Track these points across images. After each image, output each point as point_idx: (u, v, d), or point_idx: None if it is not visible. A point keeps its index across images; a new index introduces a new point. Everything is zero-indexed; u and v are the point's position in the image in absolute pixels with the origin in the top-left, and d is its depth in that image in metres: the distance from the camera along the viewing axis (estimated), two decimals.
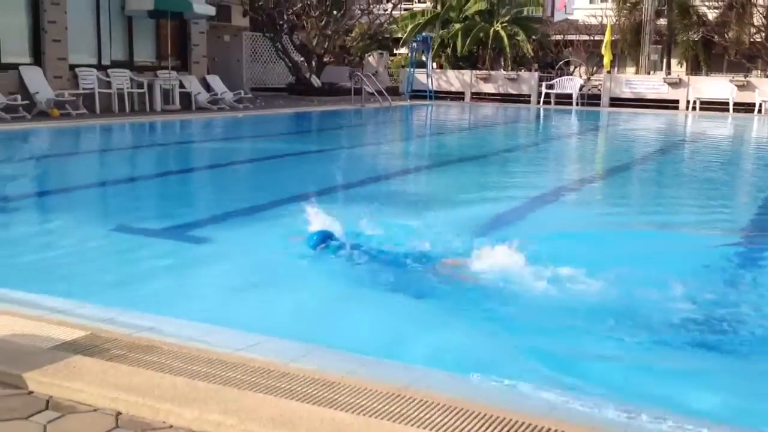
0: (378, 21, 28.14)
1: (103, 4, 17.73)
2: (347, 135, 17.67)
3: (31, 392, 3.13)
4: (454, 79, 27.71)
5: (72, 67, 16.76)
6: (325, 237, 5.49)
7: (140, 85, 17.94)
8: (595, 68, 30.48)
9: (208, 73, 20.66)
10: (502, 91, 26.91)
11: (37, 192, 8.76)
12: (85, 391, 3.09)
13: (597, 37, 30.56)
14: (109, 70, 17.52)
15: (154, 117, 17.11)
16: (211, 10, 19.18)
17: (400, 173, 11.37)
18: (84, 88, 16.73)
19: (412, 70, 27.02)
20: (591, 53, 31.46)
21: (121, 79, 17.53)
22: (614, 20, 31.20)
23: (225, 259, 5.70)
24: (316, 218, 5.54)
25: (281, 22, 24.71)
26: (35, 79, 15.76)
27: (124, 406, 3.01)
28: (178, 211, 7.30)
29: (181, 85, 18.94)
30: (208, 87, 20.01)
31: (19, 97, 15.07)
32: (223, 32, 25.12)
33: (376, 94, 23.05)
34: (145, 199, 8.45)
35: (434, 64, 29.03)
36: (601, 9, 34.11)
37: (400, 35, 30.43)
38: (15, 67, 15.65)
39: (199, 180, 10.35)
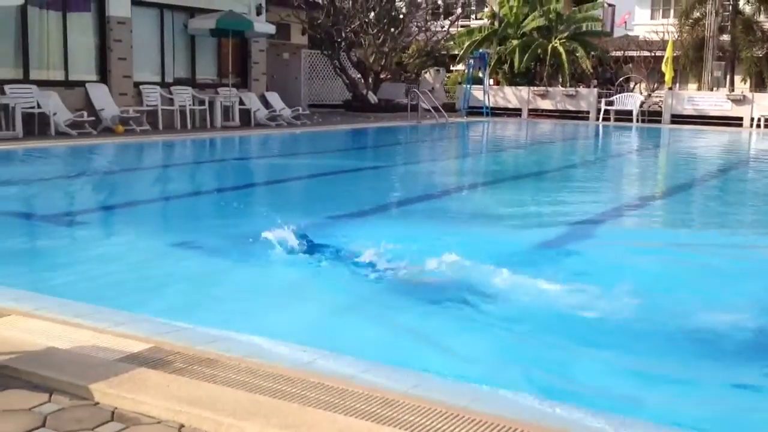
0: (435, 38, 28.21)
1: (167, 24, 18.19)
2: (403, 151, 17.71)
3: (97, 403, 3.19)
4: (511, 96, 27.57)
5: (136, 85, 17.21)
6: (303, 236, 5.93)
7: (201, 102, 18.31)
8: (656, 84, 29.97)
9: (267, 90, 20.98)
10: (560, 107, 26.65)
11: (102, 206, 8.98)
12: (149, 403, 3.14)
13: (658, 53, 30.07)
14: (172, 88, 17.93)
15: (214, 133, 17.43)
16: (271, 29, 19.50)
17: (456, 190, 11.32)
18: (148, 105, 17.15)
19: (468, 86, 26.98)
20: (652, 69, 30.96)
21: (183, 96, 17.92)
22: (676, 36, 30.67)
23: (281, 274, 5.75)
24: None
25: (339, 40, 24.97)
26: (101, 96, 16.22)
27: (186, 419, 3.05)
28: (239, 226, 7.38)
29: (241, 102, 19.27)
30: (266, 104, 20.31)
31: (85, 113, 15.52)
32: (282, 50, 25.51)
33: (432, 110, 23.07)
34: (207, 214, 8.58)
35: (491, 81, 28.94)
36: (663, 25, 33.58)
37: (456, 52, 30.44)
38: (82, 84, 16.14)
39: (258, 196, 10.48)
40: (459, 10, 29.02)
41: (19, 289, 4.78)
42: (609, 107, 25.36)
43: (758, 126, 23.35)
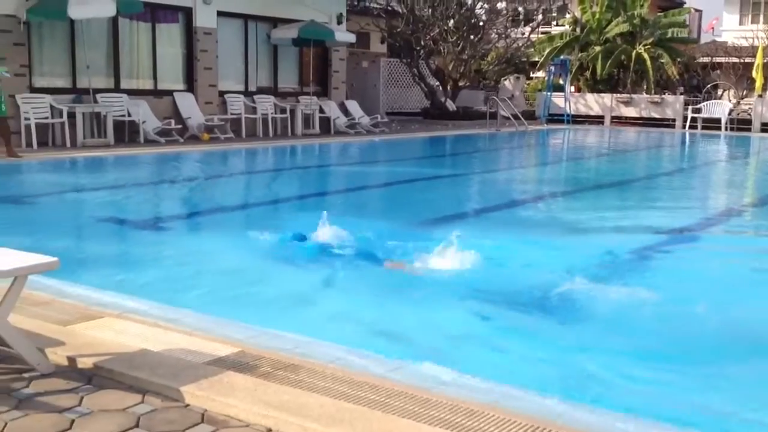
0: (515, 45, 27.96)
1: (251, 34, 18.60)
2: (482, 159, 17.60)
3: (188, 405, 3.28)
4: (593, 103, 27.06)
5: (221, 94, 17.65)
6: (300, 236, 6.45)
7: (283, 111, 18.64)
8: (745, 92, 28.92)
9: (347, 99, 21.20)
10: (644, 114, 26.01)
11: (191, 212, 9.19)
12: (237, 406, 3.21)
13: (747, 60, 29.00)
14: (254, 96, 18.31)
15: (295, 141, 17.71)
16: (352, 38, 19.71)
17: (535, 198, 11.18)
18: (232, 114, 17.57)
19: (549, 93, 26.63)
20: (741, 76, 29.88)
21: (265, 104, 18.28)
22: (766, 42, 29.52)
23: (359, 283, 5.78)
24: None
25: (418, 48, 25.04)
26: (188, 105, 16.70)
27: (273, 423, 3.10)
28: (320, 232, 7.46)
29: (321, 110, 19.53)
30: (346, 112, 20.52)
31: (173, 121, 16.01)
32: (361, 58, 25.74)
33: (511, 118, 22.87)
34: (288, 219, 8.70)
35: (572, 88, 28.49)
36: (752, 30, 32.39)
37: (537, 59, 30.09)
38: (170, 93, 16.65)
39: (336, 202, 10.58)
40: (540, 17, 28.70)
41: (112, 291, 4.96)
42: (696, 115, 24.60)
43: None
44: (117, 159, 13.31)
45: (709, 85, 29.33)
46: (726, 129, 24.02)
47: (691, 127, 24.51)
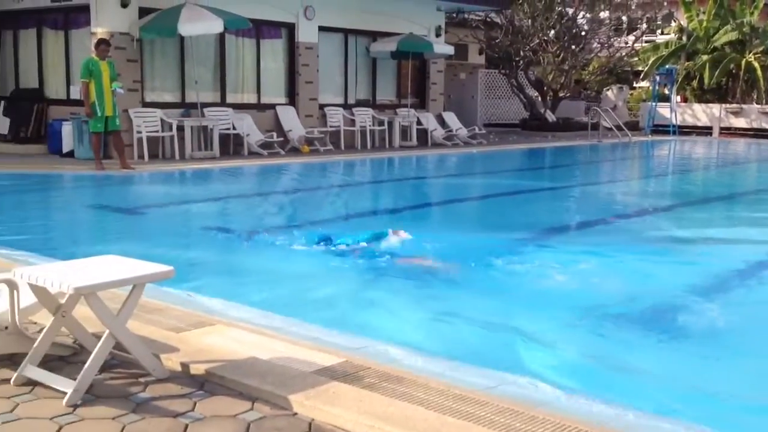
0: (618, 54, 27.30)
1: (350, 48, 18.89)
2: (584, 171, 17.23)
3: (296, 414, 3.33)
4: (701, 113, 26.08)
5: (321, 107, 17.97)
6: (326, 237, 6.77)
7: (381, 123, 18.81)
8: None
9: (444, 110, 21.19)
10: (755, 125, 24.87)
11: (293, 222, 9.34)
12: (343, 416, 3.23)
13: None
14: (353, 109, 18.56)
15: (393, 153, 17.83)
16: (450, 50, 19.71)
17: (641, 212, 10.84)
18: (331, 126, 17.86)
19: (654, 103, 25.85)
20: None
21: (364, 117, 18.50)
22: None
23: (471, 297, 5.74)
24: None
25: (517, 59, 24.80)
26: (289, 118, 17.09)
27: None
28: (418, 247, 7.47)
29: (419, 122, 19.60)
30: (443, 123, 20.51)
31: (275, 134, 16.40)
32: (459, 70, 25.70)
33: (614, 129, 22.31)
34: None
35: (678, 98, 27.56)
36: None
37: (640, 68, 29.28)
38: (272, 107, 17.08)
39: (433, 214, 10.57)
40: (644, 26, 27.92)
41: (223, 299, 5.11)
42: None
43: None
44: (222, 171, 13.74)
45: None
46: None
47: None
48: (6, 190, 11.41)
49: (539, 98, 26.19)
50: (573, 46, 25.24)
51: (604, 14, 25.63)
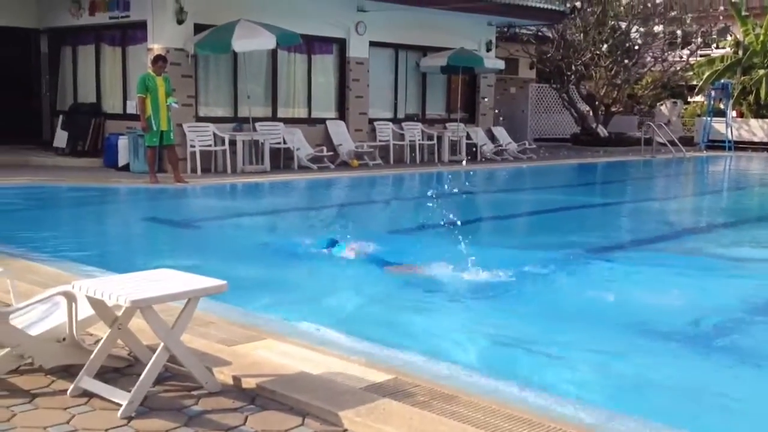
0: (672, 69, 26.86)
1: (401, 62, 18.95)
2: (637, 187, 16.95)
3: (346, 430, 3.33)
4: (758, 129, 25.47)
5: (371, 121, 18.04)
6: (333, 242, 7.24)
7: (430, 137, 18.79)
8: None
9: (494, 125, 21.09)
10: None
11: (343, 237, 9.36)
12: None
13: None
14: (403, 124, 18.60)
15: (442, 167, 17.78)
16: (501, 64, 19.63)
17: (697, 229, 10.61)
18: (380, 141, 17.91)
19: (709, 119, 25.33)
20: None
21: (413, 131, 18.51)
22: None
23: (522, 315, 5.68)
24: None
25: (569, 73, 24.58)
26: (339, 132, 17.19)
27: None
28: (469, 263, 7.41)
29: (468, 137, 19.53)
30: (493, 138, 20.41)
31: (324, 148, 16.52)
32: (509, 84, 25.58)
33: (668, 144, 21.91)
34: (433, 247, 8.70)
35: (734, 113, 26.96)
36: None
37: (695, 83, 28.74)
38: (322, 121, 17.20)
39: (486, 230, 10.50)
40: (699, 40, 27.42)
41: (273, 313, 5.15)
42: None
43: None
44: (273, 184, 13.88)
45: None
46: None
47: None
48: (64, 203, 11.71)
49: (591, 113, 25.89)
50: (626, 60, 24.91)
51: (658, 28, 25.26)
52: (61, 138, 15.64)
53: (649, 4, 24.38)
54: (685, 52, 27.76)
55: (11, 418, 3.33)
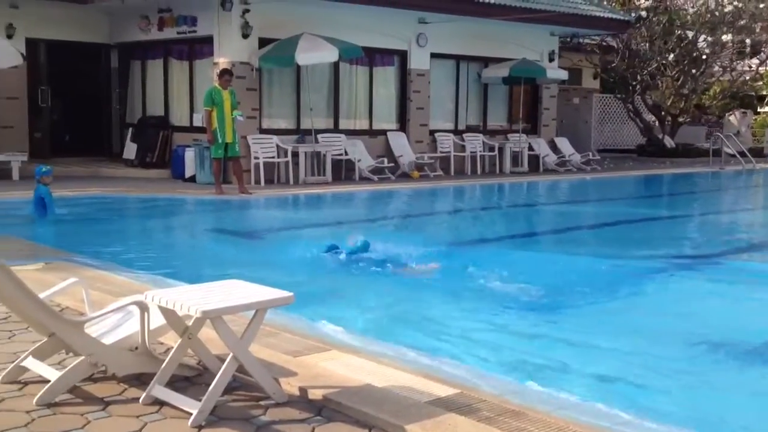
0: (741, 78, 26.15)
1: (462, 73, 18.91)
2: (705, 199, 16.52)
3: None
4: None
5: (431, 132, 18.04)
6: (333, 246, 7.77)
7: (491, 149, 18.69)
8: None
9: (557, 136, 20.86)
10: None
11: (411, 250, 9.32)
12: None
13: None
14: (464, 135, 18.54)
15: (503, 179, 17.67)
16: (564, 75, 19.42)
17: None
18: (441, 152, 17.89)
19: None
20: None
21: (474, 143, 18.44)
22: None
23: (589, 329, 5.58)
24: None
25: (634, 83, 24.17)
26: (400, 144, 17.24)
27: None
28: (534, 278, 7.31)
29: (530, 148, 19.36)
30: (555, 149, 20.18)
31: (385, 160, 16.58)
32: (572, 95, 25.26)
33: (737, 155, 21.31)
34: (501, 262, 8.62)
35: None
36: None
37: (765, 92, 27.92)
38: (383, 133, 17.28)
39: (548, 242, 10.37)
40: None
41: (336, 325, 5.17)
42: None
43: None
44: (335, 196, 13.99)
45: None
46: None
47: None
48: (132, 214, 12.02)
49: (657, 123, 25.38)
50: (693, 70, 24.37)
51: (726, 37, 24.63)
52: (130, 150, 16.07)
53: (717, 13, 23.79)
54: (755, 61, 27.01)
55: (86, 425, 3.42)
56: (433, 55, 17.80)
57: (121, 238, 9.17)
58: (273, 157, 14.90)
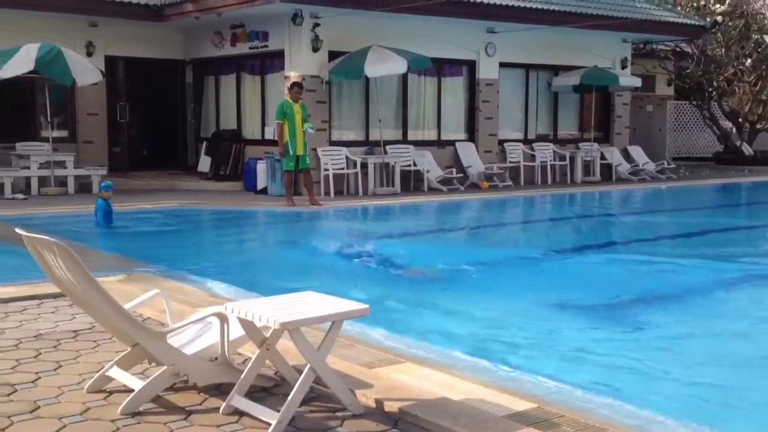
0: None
1: (531, 82, 18.72)
2: None
3: None
4: None
5: (501, 142, 17.90)
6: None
7: (562, 158, 18.44)
8: None
9: (630, 144, 20.43)
10: None
11: (480, 260, 9.25)
12: None
13: None
14: (533, 144, 18.34)
15: (575, 188, 17.39)
16: (637, 82, 19.01)
17: None
18: (510, 162, 17.73)
19: None
20: None
21: (544, 152, 18.22)
22: None
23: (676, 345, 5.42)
24: None
25: (710, 89, 23.52)
26: (469, 154, 17.16)
27: None
28: (614, 289, 7.15)
29: (602, 157, 19.02)
30: (628, 158, 19.77)
31: (454, 170, 16.53)
32: (645, 102, 24.73)
33: None
34: (579, 273, 8.47)
35: None
36: None
37: None
38: (452, 143, 17.23)
39: (620, 256, 10.13)
40: None
41: (410, 337, 5.16)
42: None
43: None
44: (404, 206, 14.01)
45: None
46: None
47: None
48: (207, 225, 12.29)
49: (734, 130, 24.62)
50: None
51: None
52: (204, 163, 16.45)
53: None
54: None
55: None
56: (502, 65, 17.69)
57: (197, 250, 9.39)
58: (342, 169, 15.02)
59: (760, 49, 23.25)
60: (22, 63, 13.29)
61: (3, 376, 4.15)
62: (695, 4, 23.94)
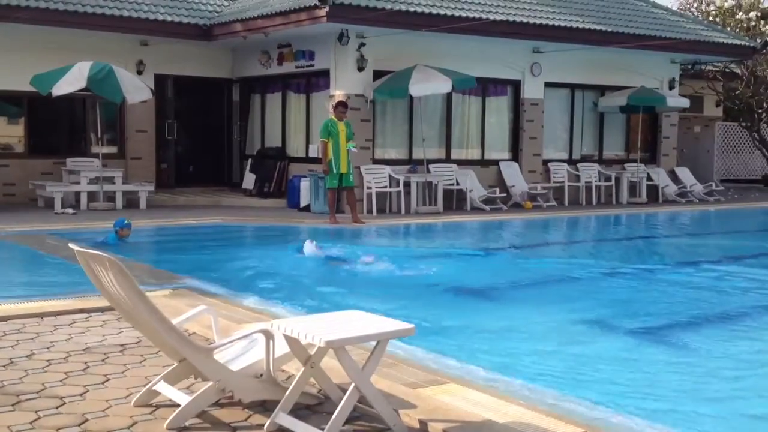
0: None
1: (577, 102, 18.58)
2: None
3: None
4: None
5: (545, 162, 17.78)
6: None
7: (608, 179, 18.24)
8: None
9: (677, 165, 20.12)
10: None
11: (525, 281, 9.17)
12: None
13: None
14: (578, 164, 18.17)
15: (620, 210, 17.17)
16: (685, 103, 18.75)
17: None
18: (555, 182, 17.59)
19: None
20: None
21: (589, 172, 18.04)
22: None
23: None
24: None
25: (760, 110, 23.09)
26: (512, 174, 17.07)
27: None
28: (667, 314, 7.01)
29: (649, 178, 18.77)
30: (676, 179, 19.47)
31: (497, 189, 16.46)
32: (693, 123, 24.37)
33: None
34: (621, 295, 8.34)
35: None
36: None
37: None
38: (495, 162, 17.17)
39: (671, 279, 9.94)
40: None
41: (454, 358, 5.12)
42: None
43: None
44: (446, 225, 13.97)
45: None
46: None
47: None
48: (251, 242, 12.39)
49: None
50: None
51: None
52: (249, 180, 16.64)
53: None
54: None
55: None
56: (548, 84, 17.61)
57: (242, 266, 9.45)
58: (385, 187, 15.05)
59: None
60: (74, 80, 13.64)
61: (52, 389, 4.22)
62: (744, 25, 23.60)
